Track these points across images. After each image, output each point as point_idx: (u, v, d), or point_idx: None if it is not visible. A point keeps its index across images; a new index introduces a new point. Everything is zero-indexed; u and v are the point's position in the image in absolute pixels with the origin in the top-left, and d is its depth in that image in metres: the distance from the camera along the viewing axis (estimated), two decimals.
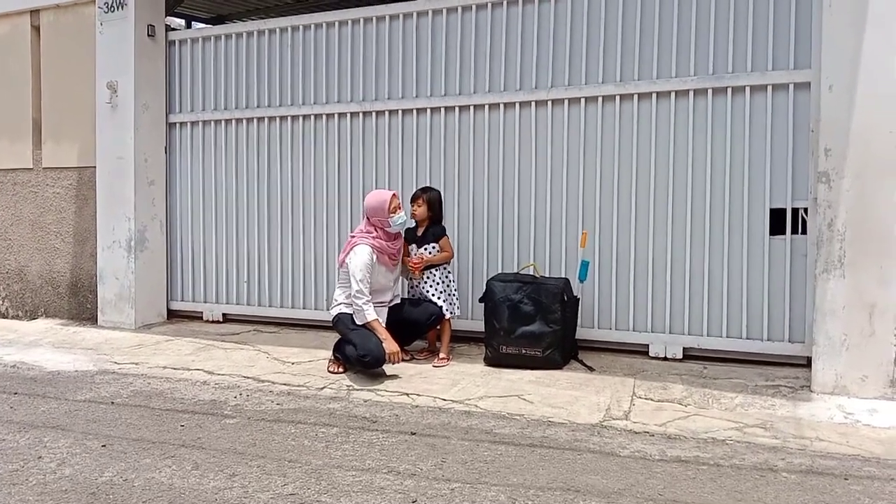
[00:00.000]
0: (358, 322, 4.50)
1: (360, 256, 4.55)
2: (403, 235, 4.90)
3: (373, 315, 4.47)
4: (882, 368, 3.83)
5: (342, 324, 4.59)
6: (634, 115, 4.80)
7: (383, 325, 4.55)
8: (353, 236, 4.73)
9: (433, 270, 4.81)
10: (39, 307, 6.75)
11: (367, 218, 4.72)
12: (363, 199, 5.54)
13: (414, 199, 4.87)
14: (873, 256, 3.84)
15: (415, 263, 4.74)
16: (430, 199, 4.84)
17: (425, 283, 4.80)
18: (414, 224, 4.94)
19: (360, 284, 4.47)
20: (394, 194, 4.74)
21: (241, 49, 6.11)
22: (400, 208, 4.74)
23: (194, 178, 6.35)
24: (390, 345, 4.40)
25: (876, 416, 3.64)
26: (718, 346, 4.63)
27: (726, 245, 4.60)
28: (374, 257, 4.60)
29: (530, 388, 4.16)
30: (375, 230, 4.68)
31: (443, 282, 4.82)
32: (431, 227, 4.86)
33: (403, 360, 4.58)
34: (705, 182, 4.64)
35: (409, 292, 5.02)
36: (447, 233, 4.92)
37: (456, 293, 4.91)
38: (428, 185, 5.20)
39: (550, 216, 5.06)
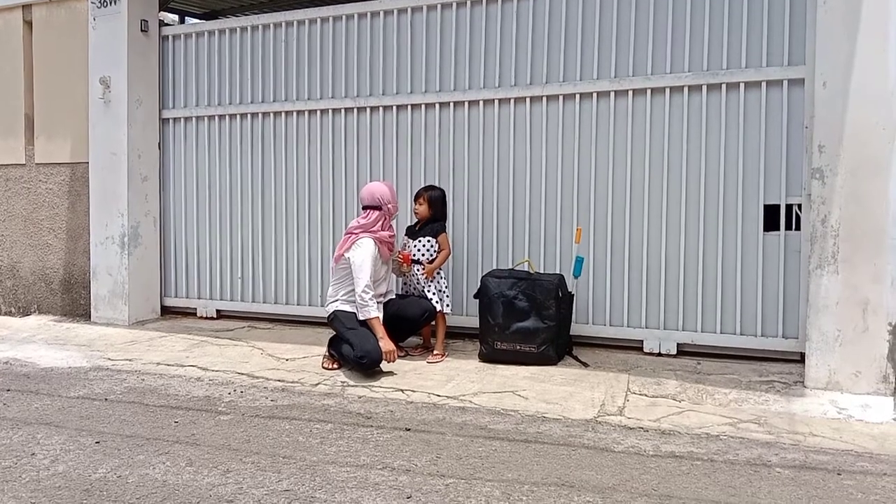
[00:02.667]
0: (361, 317, 4.49)
1: (367, 249, 4.56)
2: (403, 231, 4.96)
3: (375, 312, 4.47)
4: (875, 364, 3.85)
5: (339, 321, 4.58)
6: (629, 110, 4.80)
7: (381, 321, 4.54)
8: (351, 232, 4.71)
9: (422, 265, 4.80)
10: (32, 303, 6.72)
11: (378, 207, 4.71)
12: (358, 195, 5.55)
13: (417, 197, 4.89)
14: (867, 253, 3.86)
15: (404, 256, 4.75)
16: (432, 198, 4.86)
17: (413, 277, 4.81)
18: (415, 222, 4.95)
19: (367, 279, 4.48)
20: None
21: (235, 44, 6.08)
22: None
23: (188, 174, 6.33)
24: (387, 343, 4.40)
25: (869, 411, 3.65)
26: (712, 341, 4.65)
27: (720, 241, 4.61)
28: (378, 249, 4.62)
29: (525, 384, 4.17)
30: (383, 219, 4.71)
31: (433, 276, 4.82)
32: (430, 222, 4.86)
33: (398, 356, 4.58)
34: (700, 178, 4.65)
35: (402, 288, 5.01)
36: (446, 230, 4.92)
37: (447, 289, 4.90)
38: (427, 182, 5.24)
39: (545, 212, 5.06)
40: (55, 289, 6.60)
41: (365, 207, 4.77)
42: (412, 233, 4.92)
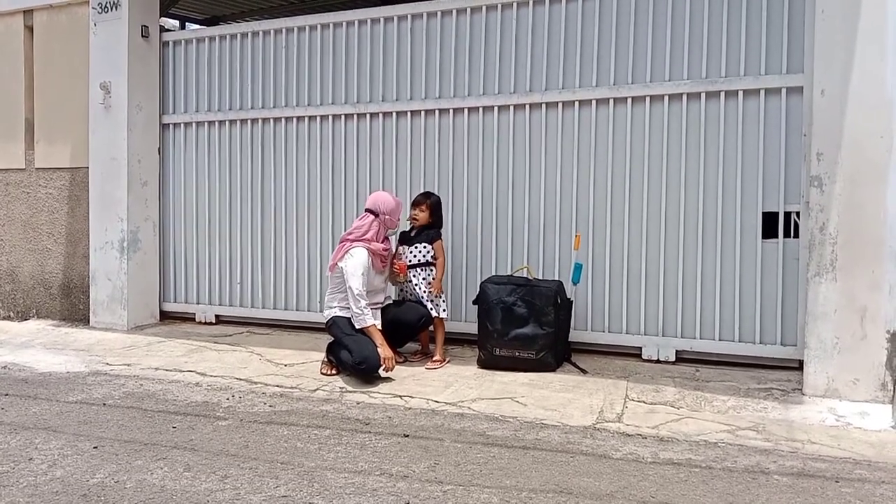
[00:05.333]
0: (357, 326, 4.49)
1: (358, 258, 4.55)
2: (397, 237, 4.96)
3: (371, 320, 4.47)
4: (873, 371, 3.85)
5: (337, 327, 4.58)
6: (628, 118, 4.82)
7: (379, 328, 4.54)
8: (345, 240, 4.70)
9: (417, 270, 4.81)
10: (31, 308, 6.72)
11: (375, 215, 4.69)
12: (357, 201, 5.59)
13: (416, 204, 4.88)
14: (865, 260, 3.86)
15: (400, 266, 4.75)
16: (432, 204, 4.87)
17: (409, 283, 4.81)
18: (410, 227, 4.95)
19: (359, 288, 4.46)
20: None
21: (235, 50, 6.10)
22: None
23: (188, 180, 6.34)
24: (385, 350, 4.40)
25: (867, 418, 3.65)
26: (711, 348, 4.65)
27: (719, 248, 4.62)
28: (370, 260, 4.60)
29: (523, 391, 4.17)
30: (378, 229, 4.68)
31: (424, 280, 4.81)
32: (426, 229, 4.87)
33: (397, 362, 4.58)
34: (698, 185, 4.66)
35: (398, 295, 5.02)
36: (441, 237, 4.92)
37: (441, 294, 4.88)
38: (426, 189, 5.24)
39: (544, 218, 5.07)
40: (54, 293, 6.60)
41: (366, 209, 4.77)
42: (407, 239, 4.91)
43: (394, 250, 4.92)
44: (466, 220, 5.30)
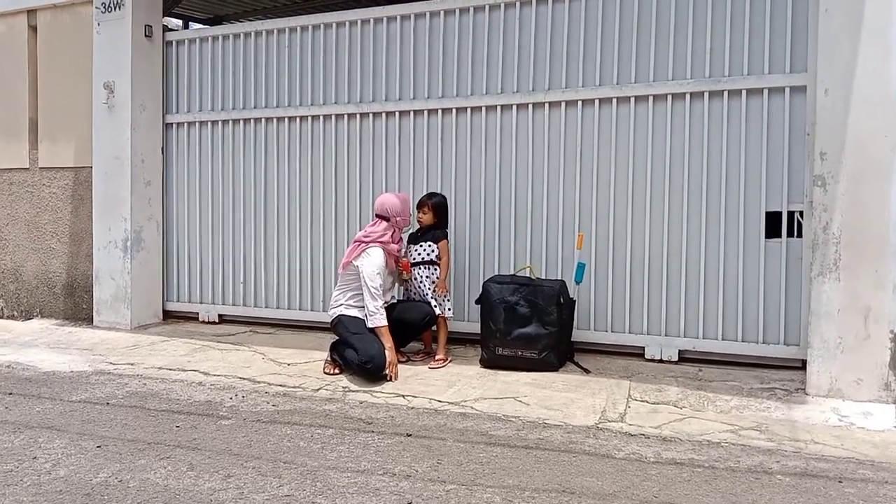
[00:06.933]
0: (370, 325, 4.50)
1: (376, 258, 4.58)
2: (407, 237, 5.00)
3: (384, 321, 4.49)
4: (877, 371, 3.84)
5: (343, 326, 4.59)
6: (631, 117, 4.81)
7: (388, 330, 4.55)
8: (361, 241, 4.70)
9: (421, 268, 4.81)
10: (35, 307, 6.74)
11: (386, 218, 4.72)
12: (360, 200, 5.60)
13: (420, 206, 4.90)
14: (868, 260, 3.86)
15: (403, 264, 4.77)
16: (436, 205, 4.88)
17: (414, 280, 4.81)
18: (417, 228, 4.96)
19: (376, 287, 4.50)
20: None
21: (239, 50, 6.11)
22: None
23: (191, 179, 6.35)
24: (392, 355, 4.42)
25: (870, 418, 3.65)
26: (714, 348, 4.64)
27: (722, 247, 4.61)
28: (385, 260, 4.62)
29: (526, 390, 4.17)
30: (393, 231, 4.71)
31: (428, 278, 4.82)
32: (432, 229, 4.87)
33: (399, 361, 4.59)
34: (701, 184, 4.65)
35: (403, 294, 5.02)
36: (447, 237, 4.92)
37: (447, 294, 4.89)
38: (429, 188, 5.25)
39: (547, 218, 5.07)
40: (58, 293, 6.62)
41: (376, 216, 4.79)
42: (414, 238, 4.93)
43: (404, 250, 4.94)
44: (469, 220, 5.30)
